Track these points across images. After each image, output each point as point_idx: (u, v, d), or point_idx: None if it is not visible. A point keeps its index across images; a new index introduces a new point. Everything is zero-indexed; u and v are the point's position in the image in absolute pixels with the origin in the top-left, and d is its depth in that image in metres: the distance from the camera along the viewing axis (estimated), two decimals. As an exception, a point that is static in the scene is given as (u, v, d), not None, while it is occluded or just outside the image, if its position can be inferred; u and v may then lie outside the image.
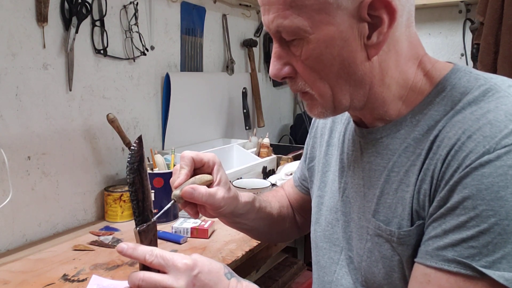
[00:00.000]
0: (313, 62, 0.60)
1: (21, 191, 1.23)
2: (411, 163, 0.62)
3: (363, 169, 0.69)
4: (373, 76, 0.62)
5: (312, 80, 0.62)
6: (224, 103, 2.08)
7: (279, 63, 0.63)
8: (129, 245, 0.58)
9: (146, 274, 0.57)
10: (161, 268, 0.58)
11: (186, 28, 1.82)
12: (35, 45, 1.24)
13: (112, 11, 1.47)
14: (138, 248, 0.58)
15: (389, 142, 0.65)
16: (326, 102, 0.63)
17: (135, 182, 0.60)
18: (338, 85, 0.62)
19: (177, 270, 0.57)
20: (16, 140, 1.21)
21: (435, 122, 0.61)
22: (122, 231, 1.34)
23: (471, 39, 2.01)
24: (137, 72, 1.59)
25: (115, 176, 1.53)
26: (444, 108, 0.61)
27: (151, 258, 0.57)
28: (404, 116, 0.64)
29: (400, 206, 0.62)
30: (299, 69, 0.62)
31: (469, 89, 0.60)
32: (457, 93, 0.61)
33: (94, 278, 1.03)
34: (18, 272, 1.07)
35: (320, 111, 0.65)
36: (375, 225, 0.65)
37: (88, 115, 1.42)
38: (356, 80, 0.61)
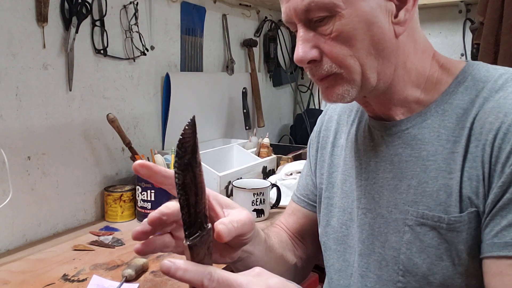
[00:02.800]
0: (345, 38, 0.61)
1: (21, 191, 1.23)
2: (448, 150, 0.63)
3: (391, 162, 0.69)
4: (398, 56, 0.64)
5: (341, 57, 0.62)
6: (224, 103, 2.08)
7: (307, 46, 0.63)
8: (177, 263, 0.43)
9: None
10: None
11: (186, 28, 1.82)
12: (35, 45, 1.24)
13: (112, 11, 1.47)
14: (190, 268, 0.43)
15: (417, 133, 0.67)
16: (355, 80, 0.63)
17: (186, 183, 0.43)
18: (367, 61, 0.63)
19: None
20: (16, 140, 1.21)
21: (463, 111, 0.64)
22: (122, 231, 1.34)
23: (471, 39, 2.01)
24: (137, 72, 1.59)
25: (115, 176, 1.53)
26: (469, 97, 0.64)
27: (211, 284, 0.43)
28: (428, 106, 0.67)
29: (444, 193, 0.63)
30: (327, 49, 0.62)
31: (491, 78, 0.64)
32: (479, 83, 0.64)
33: (94, 278, 1.03)
34: (18, 272, 1.07)
35: (346, 89, 0.64)
36: (417, 214, 0.65)
37: (88, 115, 1.41)
38: (384, 58, 0.63)
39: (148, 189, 1.38)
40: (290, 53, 2.58)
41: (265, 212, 1.45)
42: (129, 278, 1.02)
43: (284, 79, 2.57)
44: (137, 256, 1.15)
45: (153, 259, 1.14)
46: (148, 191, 1.38)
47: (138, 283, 1.02)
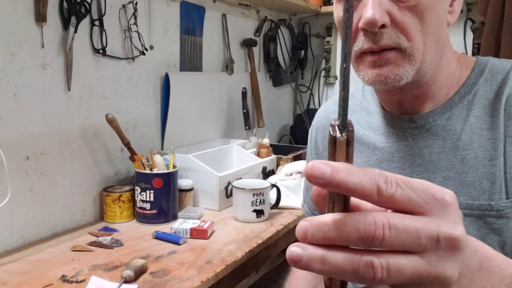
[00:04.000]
0: (421, 10, 0.59)
1: (20, 191, 1.23)
2: (485, 138, 0.64)
3: (420, 155, 0.68)
4: (446, 45, 0.65)
5: (412, 30, 0.60)
6: (223, 103, 2.07)
7: (380, 8, 0.58)
8: (333, 164, 0.29)
9: (392, 216, 0.29)
10: (409, 205, 0.30)
11: (185, 27, 1.81)
12: (34, 45, 1.23)
13: (111, 11, 1.46)
14: (354, 170, 0.29)
15: (446, 123, 0.67)
16: (416, 60, 0.61)
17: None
18: (429, 42, 0.61)
19: (445, 207, 0.31)
20: (14, 140, 1.21)
21: (488, 101, 0.65)
22: (121, 232, 1.33)
23: (472, 38, 2.01)
24: (136, 72, 1.59)
25: (114, 177, 1.52)
26: (490, 87, 0.66)
27: (391, 188, 0.30)
28: (451, 98, 0.68)
29: (487, 181, 0.62)
30: (400, 17, 0.59)
31: (508, 69, 0.66)
32: (497, 74, 0.66)
33: (93, 279, 1.02)
34: (17, 273, 1.07)
35: (406, 70, 0.61)
36: (459, 205, 0.64)
37: (87, 115, 1.41)
38: (440, 42, 0.63)
39: (147, 190, 1.38)
40: (290, 53, 2.58)
41: (265, 213, 1.45)
42: (128, 279, 1.02)
43: (284, 79, 2.56)
44: (136, 257, 1.14)
45: (152, 260, 1.13)
46: (147, 191, 1.38)
47: (137, 284, 1.01)
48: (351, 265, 0.29)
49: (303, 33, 2.62)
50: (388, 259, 0.29)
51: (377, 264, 0.29)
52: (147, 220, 1.39)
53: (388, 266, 0.29)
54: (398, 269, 0.29)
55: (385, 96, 0.72)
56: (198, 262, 1.14)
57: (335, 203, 0.31)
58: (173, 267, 1.10)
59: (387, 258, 0.29)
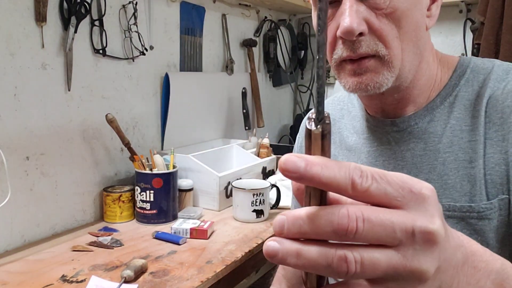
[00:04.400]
0: (398, 17, 0.60)
1: (20, 191, 1.23)
2: (465, 140, 0.63)
3: (403, 158, 0.69)
4: (425, 49, 0.65)
5: (390, 37, 0.60)
6: (223, 103, 2.07)
7: (358, 17, 0.58)
8: (308, 158, 0.29)
9: (367, 209, 0.29)
10: (385, 199, 0.30)
11: (185, 28, 1.81)
12: (34, 45, 1.24)
13: (111, 11, 1.46)
14: (329, 163, 0.29)
15: (427, 126, 0.67)
16: (395, 67, 0.61)
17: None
18: (408, 48, 0.62)
19: (422, 201, 0.30)
20: (14, 140, 1.21)
21: (470, 102, 0.65)
22: (121, 232, 1.33)
23: (472, 39, 2.01)
24: (136, 72, 1.59)
25: (114, 177, 1.52)
26: (472, 88, 0.66)
27: (366, 182, 0.29)
28: (432, 100, 0.67)
29: (467, 183, 0.62)
30: (377, 25, 0.59)
31: (490, 69, 0.66)
32: (479, 74, 0.66)
33: (93, 279, 1.02)
34: (17, 273, 1.07)
35: (385, 77, 0.61)
36: (442, 208, 0.65)
37: (87, 115, 1.41)
38: (419, 47, 0.63)
39: (147, 190, 1.38)
40: (290, 53, 2.58)
41: (265, 213, 1.45)
42: (128, 279, 1.02)
43: (284, 79, 2.56)
44: (136, 257, 1.14)
45: (152, 260, 1.14)
46: (147, 191, 1.38)
47: (137, 284, 1.02)
48: (325, 259, 0.29)
49: (303, 33, 2.62)
50: (362, 253, 0.29)
51: (350, 258, 0.28)
52: (147, 220, 1.39)
53: (362, 260, 0.29)
54: (372, 263, 0.29)
55: (367, 101, 0.73)
56: (198, 262, 1.14)
57: (311, 197, 0.31)
58: (173, 267, 1.11)
59: (361, 252, 0.29)
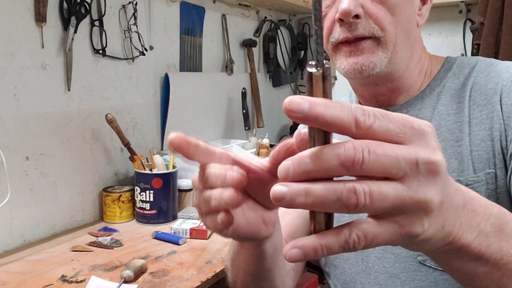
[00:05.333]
0: (393, 5, 0.65)
1: (20, 191, 1.23)
2: (451, 122, 0.69)
3: None
4: (416, 43, 0.71)
5: (385, 22, 0.65)
6: (223, 103, 2.07)
7: (355, 0, 0.64)
8: (310, 98, 0.29)
9: (371, 143, 0.30)
10: (388, 136, 0.30)
11: (185, 28, 1.81)
12: (34, 45, 1.24)
13: (111, 11, 1.46)
14: (331, 103, 0.29)
15: (418, 113, 0.73)
16: (388, 49, 0.66)
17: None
18: (400, 35, 0.67)
19: (423, 136, 0.32)
20: (14, 141, 1.21)
21: (456, 91, 0.71)
22: (121, 232, 1.33)
23: (471, 39, 2.01)
24: (136, 72, 1.59)
25: (114, 177, 1.52)
26: (458, 80, 0.72)
27: (369, 120, 0.30)
28: (423, 90, 0.74)
29: (455, 160, 0.67)
30: (373, 10, 0.65)
31: (474, 63, 0.72)
32: (464, 68, 0.72)
33: (92, 280, 1.02)
34: (16, 273, 1.07)
35: (380, 58, 0.66)
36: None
37: (87, 115, 1.41)
38: (410, 39, 0.69)
39: (147, 190, 1.38)
40: (290, 54, 2.58)
41: (265, 213, 1.45)
42: (128, 279, 1.02)
43: (284, 79, 2.57)
44: (136, 257, 1.14)
45: (151, 260, 1.14)
46: (146, 191, 1.38)
47: (137, 284, 1.02)
48: (334, 193, 0.29)
49: (302, 34, 2.62)
50: (370, 185, 0.29)
51: (359, 190, 0.29)
52: (147, 220, 1.39)
53: (370, 191, 0.29)
54: (380, 194, 0.29)
55: (362, 91, 0.77)
56: (197, 262, 1.14)
57: (315, 140, 0.31)
58: (173, 267, 1.11)
59: (369, 184, 0.29)
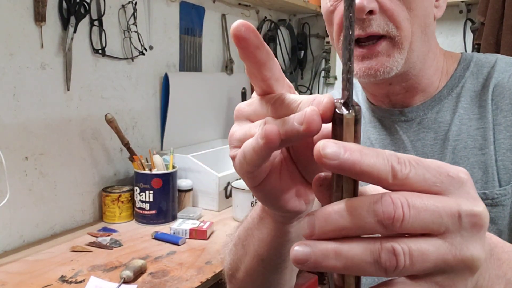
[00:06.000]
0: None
1: (19, 191, 1.23)
2: (474, 128, 0.64)
3: (413, 147, 0.69)
4: (432, 39, 0.66)
5: (400, 18, 0.60)
6: (223, 103, 2.07)
7: None
8: (346, 144, 0.26)
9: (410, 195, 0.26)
10: (425, 185, 0.27)
11: (185, 27, 1.81)
12: (33, 45, 1.23)
13: (110, 11, 1.46)
14: (366, 150, 0.26)
15: (436, 116, 0.68)
16: (404, 48, 0.61)
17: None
18: (417, 32, 0.62)
19: (461, 184, 0.28)
20: (13, 140, 1.20)
21: (475, 93, 0.66)
22: (120, 232, 1.33)
23: (472, 39, 2.01)
24: (135, 72, 1.59)
25: (113, 177, 1.52)
26: (477, 80, 0.67)
27: (406, 168, 0.27)
28: (440, 91, 0.68)
29: (478, 170, 0.63)
30: (389, 5, 0.59)
31: (493, 62, 0.67)
32: (483, 68, 0.67)
33: (92, 280, 1.02)
34: (16, 274, 1.07)
35: (395, 60, 0.61)
36: None
37: (86, 115, 1.41)
38: (427, 34, 0.64)
39: (147, 190, 1.38)
40: (290, 53, 2.58)
41: (264, 213, 1.44)
42: (127, 280, 1.01)
43: (284, 79, 2.56)
44: (135, 257, 1.14)
45: (151, 261, 1.13)
46: (146, 192, 1.38)
47: (136, 285, 1.01)
48: (371, 255, 0.26)
49: (302, 34, 2.62)
50: (410, 244, 0.26)
51: (399, 250, 0.26)
52: (147, 220, 1.39)
53: (410, 251, 0.26)
54: (421, 254, 0.26)
55: (374, 90, 0.72)
56: (197, 262, 1.13)
57: (343, 191, 0.27)
58: (172, 267, 1.10)
59: (408, 243, 0.26)
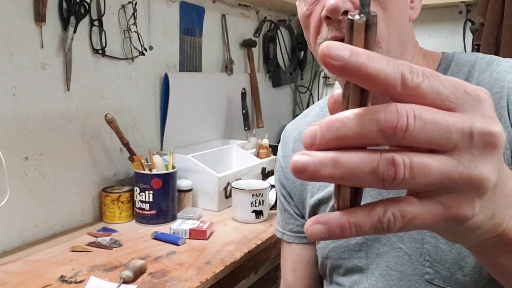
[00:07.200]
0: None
1: (19, 191, 1.23)
2: None
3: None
4: (408, 40, 0.66)
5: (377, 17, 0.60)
6: (223, 103, 2.07)
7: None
8: (353, 48, 0.25)
9: (418, 107, 0.25)
10: (438, 99, 0.26)
11: (185, 28, 1.81)
12: (33, 45, 1.23)
13: (110, 11, 1.46)
14: (375, 55, 0.25)
15: None
16: (381, 47, 0.61)
17: None
18: (393, 32, 0.61)
19: (479, 102, 0.27)
20: (13, 140, 1.20)
21: None
22: (120, 232, 1.33)
23: (471, 40, 2.01)
24: (135, 72, 1.59)
25: (113, 177, 1.52)
26: None
27: (417, 78, 0.25)
28: None
29: None
30: None
31: (473, 62, 0.66)
32: (463, 67, 0.66)
33: (92, 280, 1.02)
34: (15, 274, 1.06)
35: None
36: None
37: (86, 115, 1.41)
38: (403, 34, 0.63)
39: (146, 190, 1.38)
40: (290, 54, 2.58)
41: (264, 214, 1.45)
42: (127, 280, 1.01)
43: (284, 79, 2.56)
44: (135, 257, 1.14)
45: (151, 261, 1.13)
46: (146, 192, 1.38)
47: (136, 285, 1.01)
48: (369, 164, 0.25)
49: (302, 34, 2.61)
50: (411, 156, 0.25)
51: (399, 161, 0.24)
52: (146, 220, 1.39)
53: (411, 163, 0.24)
54: (423, 167, 0.25)
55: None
56: (197, 262, 1.13)
57: (349, 101, 0.26)
58: (172, 267, 1.10)
59: (411, 155, 0.25)
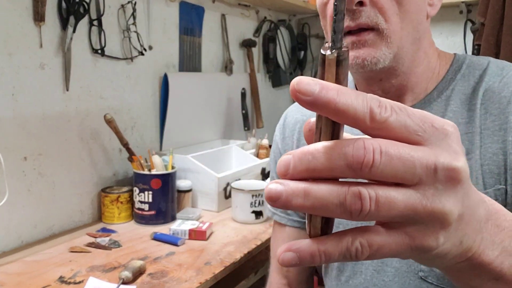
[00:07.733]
0: None
1: (17, 192, 1.22)
2: (462, 132, 0.64)
3: None
4: (424, 38, 0.65)
5: (390, 12, 0.60)
6: (222, 103, 2.07)
7: None
8: (323, 82, 0.26)
9: (385, 142, 0.26)
10: (405, 133, 0.27)
11: (184, 28, 1.81)
12: (32, 45, 1.23)
13: (110, 11, 1.46)
14: (344, 90, 0.26)
15: None
16: (393, 42, 0.61)
17: None
18: (407, 28, 0.61)
19: (445, 137, 0.28)
20: (12, 141, 1.20)
21: (465, 96, 0.65)
22: (119, 233, 1.32)
23: (472, 40, 2.01)
24: (135, 72, 1.58)
25: (112, 177, 1.52)
26: (468, 83, 0.66)
27: (385, 112, 0.26)
28: (430, 93, 0.68)
29: None
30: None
31: (485, 65, 0.67)
32: (475, 70, 0.67)
33: (91, 281, 1.02)
34: (14, 274, 1.06)
35: (383, 53, 0.60)
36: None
37: (85, 116, 1.40)
38: (418, 31, 0.63)
39: (146, 190, 1.37)
40: (290, 54, 2.57)
41: (264, 214, 1.44)
42: (126, 280, 1.01)
43: (284, 79, 2.56)
44: (134, 258, 1.14)
45: (150, 261, 1.13)
46: (145, 192, 1.37)
47: (135, 285, 1.01)
48: (337, 197, 0.26)
49: (302, 34, 2.62)
50: (377, 190, 0.26)
51: (365, 195, 0.26)
52: (146, 221, 1.38)
53: (377, 197, 0.26)
54: (388, 201, 0.26)
55: (365, 87, 0.71)
56: (196, 263, 1.13)
57: (322, 133, 0.28)
58: (172, 268, 1.10)
59: (377, 189, 0.26)
